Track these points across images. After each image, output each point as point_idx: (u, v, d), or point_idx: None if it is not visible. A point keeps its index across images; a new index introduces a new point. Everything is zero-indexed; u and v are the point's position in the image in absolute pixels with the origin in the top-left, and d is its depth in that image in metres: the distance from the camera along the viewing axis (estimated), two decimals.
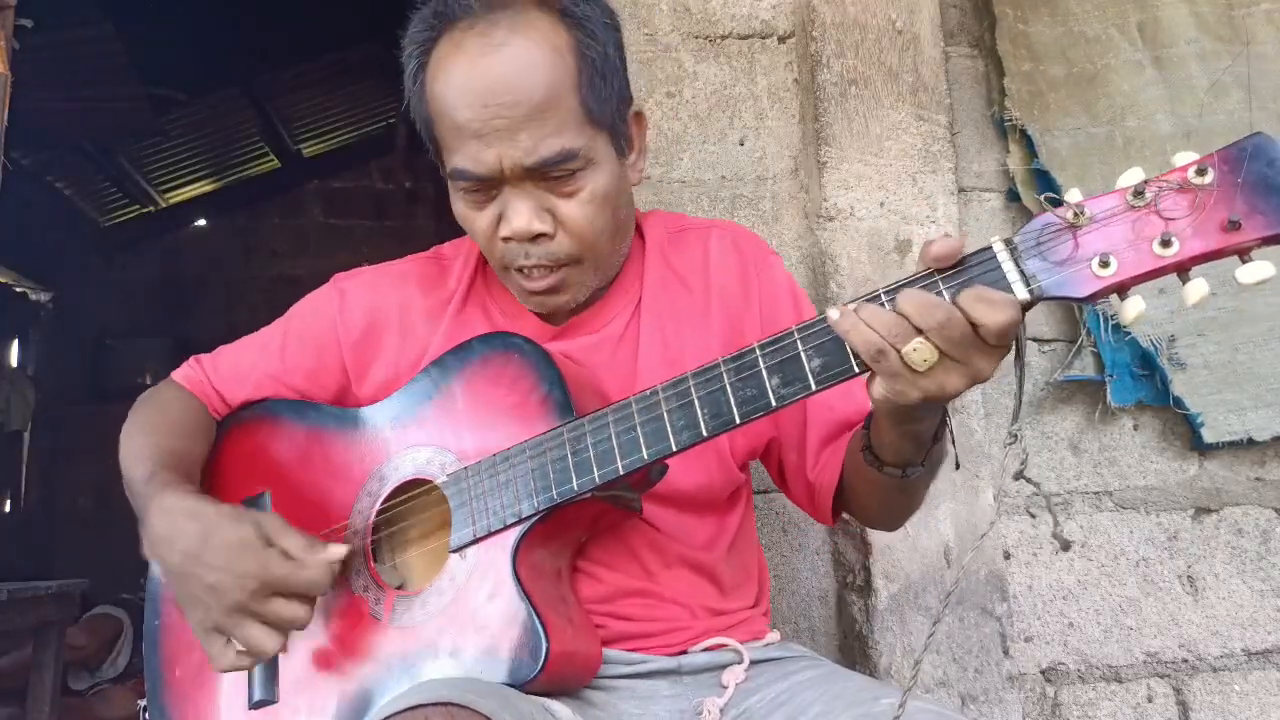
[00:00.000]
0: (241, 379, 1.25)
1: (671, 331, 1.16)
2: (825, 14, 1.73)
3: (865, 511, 1.16)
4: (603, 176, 1.07)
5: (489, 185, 1.05)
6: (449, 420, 1.08)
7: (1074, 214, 0.80)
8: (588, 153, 1.05)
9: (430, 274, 1.25)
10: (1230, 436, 1.77)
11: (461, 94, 1.03)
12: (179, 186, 6.55)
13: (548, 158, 1.02)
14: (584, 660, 1.03)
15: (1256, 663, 1.78)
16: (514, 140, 1.01)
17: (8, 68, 2.01)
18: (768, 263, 1.22)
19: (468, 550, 1.02)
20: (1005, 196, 1.89)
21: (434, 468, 1.07)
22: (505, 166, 1.02)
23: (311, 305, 1.27)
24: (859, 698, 0.97)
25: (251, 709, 1.06)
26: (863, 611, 1.59)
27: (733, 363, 0.92)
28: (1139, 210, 0.78)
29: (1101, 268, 0.78)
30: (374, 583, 1.07)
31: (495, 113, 1.01)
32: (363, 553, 1.08)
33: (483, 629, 0.98)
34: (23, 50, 2.11)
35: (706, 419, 0.93)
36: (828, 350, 0.87)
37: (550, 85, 1.02)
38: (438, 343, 1.17)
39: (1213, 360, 1.77)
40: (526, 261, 1.07)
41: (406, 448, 1.10)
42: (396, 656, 1.01)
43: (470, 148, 1.03)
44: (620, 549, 1.10)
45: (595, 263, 1.11)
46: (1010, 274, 0.81)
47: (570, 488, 0.98)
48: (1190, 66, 1.89)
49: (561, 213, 1.06)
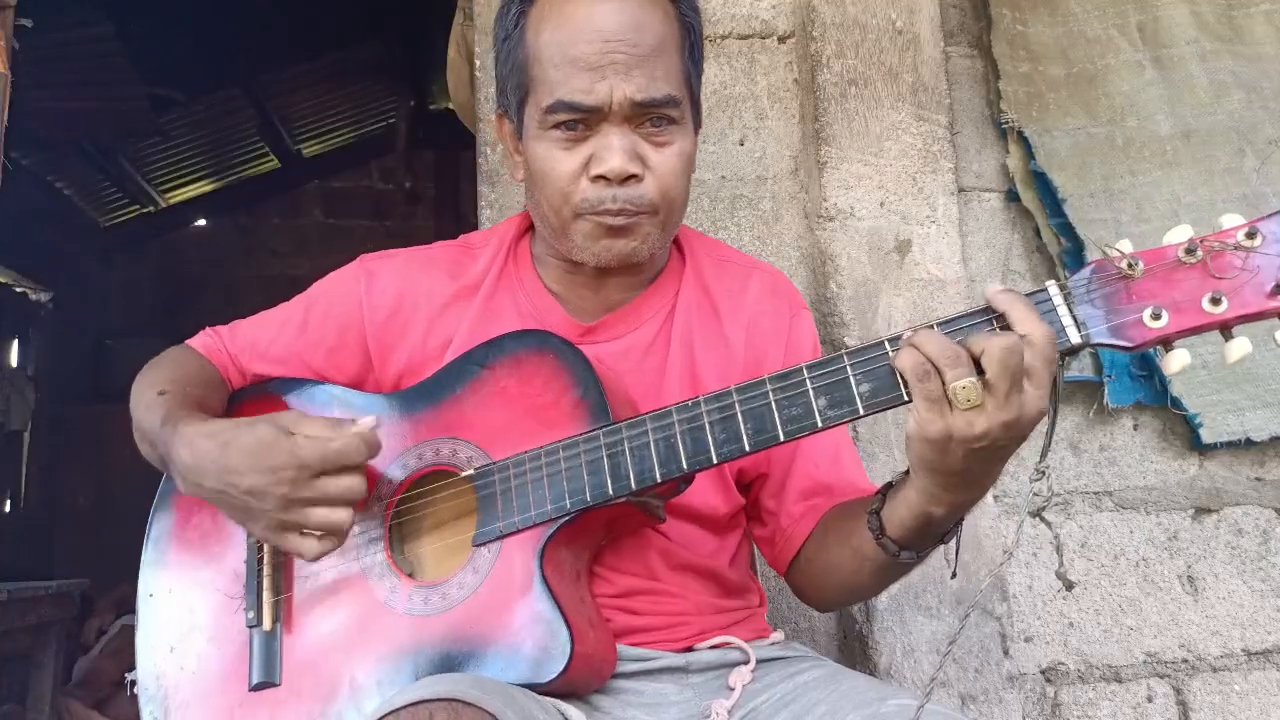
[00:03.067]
0: (260, 351, 1.23)
1: (699, 349, 1.17)
2: (825, 14, 1.73)
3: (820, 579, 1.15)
4: (688, 141, 1.12)
5: (588, 122, 1.07)
6: (477, 414, 1.07)
7: (1128, 264, 0.83)
8: (684, 108, 1.10)
9: (459, 261, 1.24)
10: (1229, 437, 1.77)
11: (581, 28, 1.06)
12: (179, 186, 6.54)
13: (657, 98, 1.06)
14: (601, 662, 1.03)
15: (1256, 663, 1.78)
16: (628, 75, 1.05)
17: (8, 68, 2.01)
18: (800, 316, 1.24)
19: (492, 545, 1.02)
20: (1005, 196, 1.89)
21: (459, 459, 1.07)
22: (615, 99, 1.05)
23: (337, 284, 1.25)
24: (866, 698, 0.97)
25: (252, 690, 1.05)
26: (862, 611, 1.59)
27: (779, 381, 0.93)
28: (1189, 267, 0.82)
29: (1153, 320, 0.82)
30: (390, 571, 1.06)
31: (614, 48, 1.05)
32: (380, 539, 1.07)
33: (505, 625, 0.97)
34: (23, 50, 2.11)
35: (750, 434, 0.93)
36: (877, 376, 0.89)
37: (664, 37, 1.09)
38: (465, 330, 1.17)
39: (1211, 362, 1.77)
40: (613, 205, 1.08)
41: (431, 437, 1.09)
42: (412, 647, 1.01)
43: (582, 79, 1.05)
44: (631, 553, 1.11)
45: (665, 223, 1.12)
46: (1064, 317, 0.84)
47: (605, 491, 0.98)
48: (1190, 66, 1.89)
49: (652, 160, 1.08)
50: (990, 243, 1.87)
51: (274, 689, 1.05)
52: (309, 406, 1.17)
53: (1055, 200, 1.81)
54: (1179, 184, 1.84)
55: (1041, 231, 1.83)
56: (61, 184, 5.83)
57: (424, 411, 1.11)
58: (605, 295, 1.18)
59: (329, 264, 1.33)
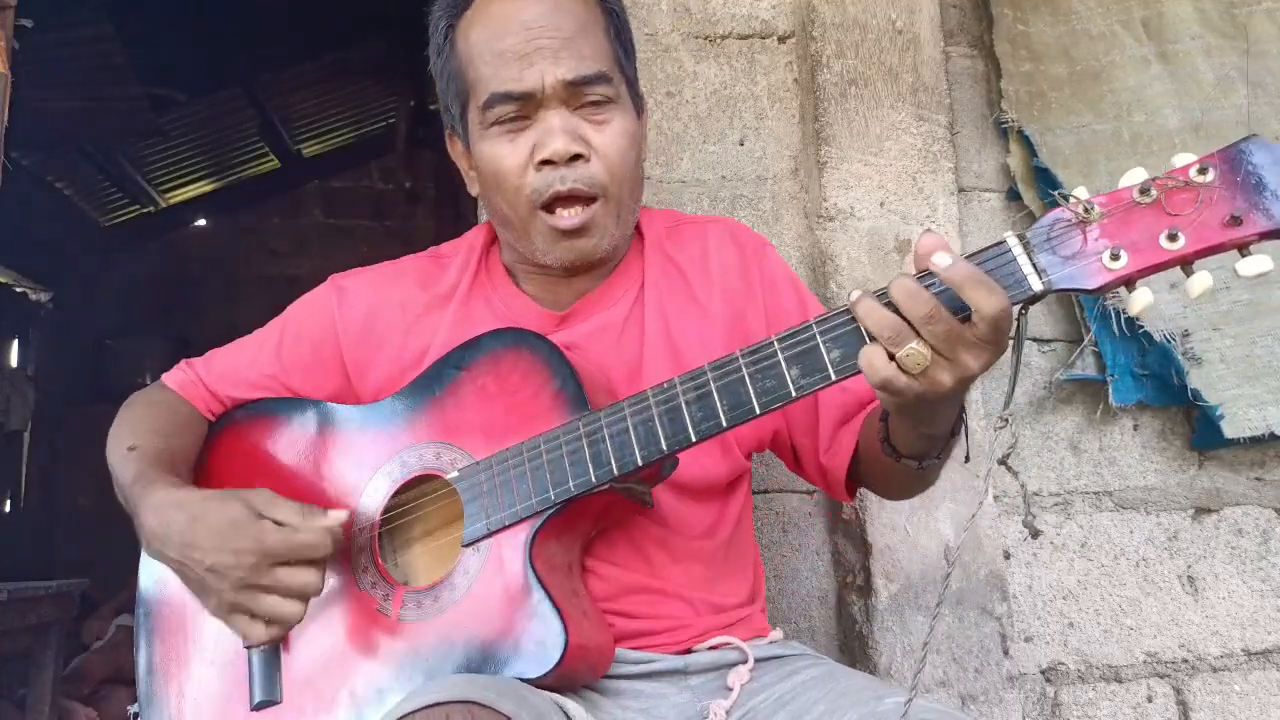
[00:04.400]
0: (237, 378, 1.25)
1: (674, 317, 1.18)
2: (825, 14, 1.73)
3: (880, 489, 1.20)
4: (629, 120, 1.14)
5: (525, 111, 1.10)
6: (458, 416, 1.08)
7: (1084, 209, 0.84)
8: (618, 87, 1.13)
9: (428, 270, 1.26)
10: (1251, 431, 1.73)
11: (506, 23, 1.10)
12: (179, 186, 6.54)
13: (588, 74, 1.09)
14: (597, 653, 1.03)
15: (1256, 663, 1.78)
16: (557, 58, 1.08)
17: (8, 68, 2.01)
18: (765, 253, 1.25)
19: (480, 544, 1.02)
20: (1005, 196, 1.89)
21: (443, 463, 1.07)
22: (547, 83, 1.08)
23: (309, 304, 1.27)
24: (863, 697, 0.97)
25: (254, 710, 1.05)
26: (863, 611, 1.59)
27: (750, 355, 0.94)
28: (1145, 207, 0.83)
29: (1112, 260, 0.82)
30: (382, 579, 1.06)
31: (539, 34, 1.08)
32: (370, 549, 1.08)
33: (499, 622, 0.98)
34: (23, 50, 2.11)
35: (726, 410, 0.94)
36: (846, 341, 0.89)
37: (586, 21, 1.12)
38: (442, 337, 1.18)
39: (1229, 354, 1.76)
40: (563, 187, 1.09)
41: (414, 444, 1.09)
42: (409, 652, 1.01)
43: (512, 69, 1.09)
44: (623, 543, 1.11)
45: (618, 207, 1.14)
46: (1024, 266, 0.85)
47: (588, 479, 0.98)
48: (1196, 61, 1.89)
49: (595, 140, 1.11)
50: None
51: (275, 706, 1.05)
52: (299, 418, 1.18)
53: (1065, 196, 1.81)
54: None
55: None
56: (61, 184, 5.83)
57: (405, 418, 1.11)
58: (577, 285, 1.20)
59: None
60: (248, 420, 1.23)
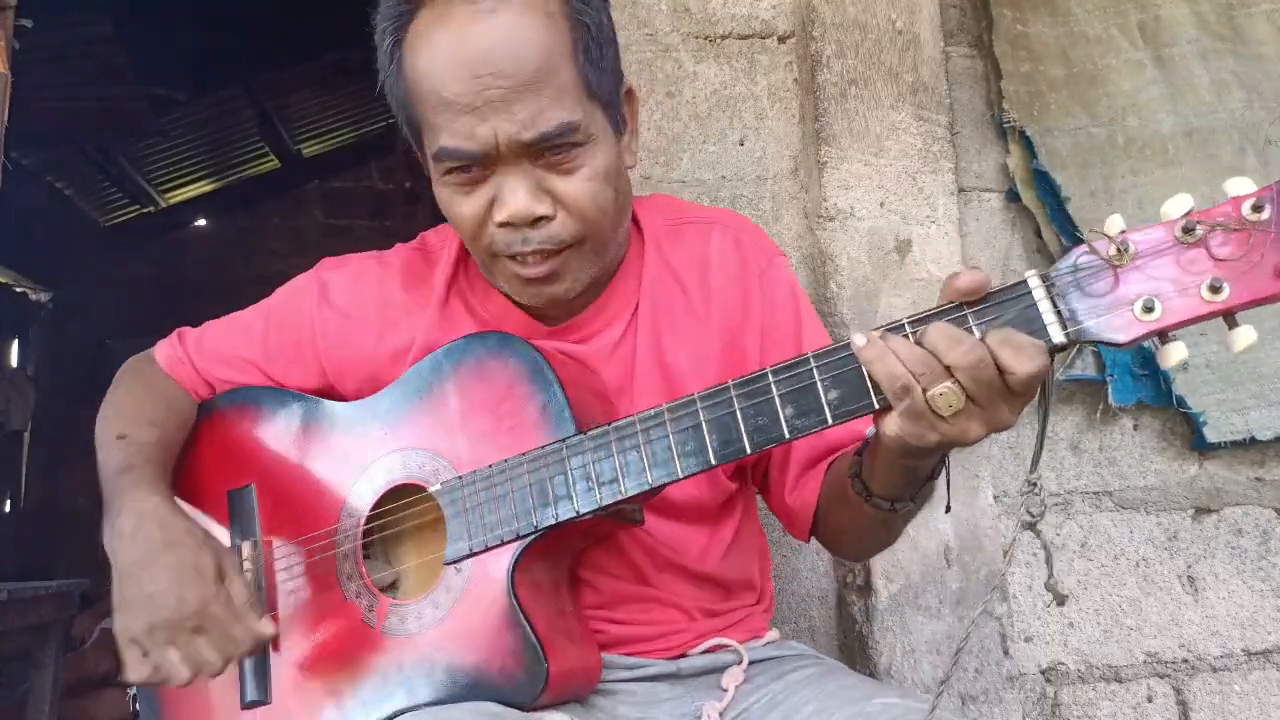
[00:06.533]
0: (225, 361, 1.22)
1: (668, 339, 1.11)
2: (825, 14, 1.73)
3: (837, 539, 1.12)
4: (602, 153, 1.00)
5: (480, 165, 0.97)
6: (442, 423, 1.04)
7: (1117, 249, 0.73)
8: (588, 126, 0.98)
9: (414, 266, 1.19)
10: (1233, 436, 1.76)
11: (449, 66, 0.94)
12: (179, 186, 6.54)
13: (547, 131, 0.95)
14: (584, 674, 1.01)
15: (1256, 663, 1.78)
16: (510, 113, 0.93)
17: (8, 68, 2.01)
18: (771, 266, 1.15)
19: (463, 563, 0.99)
20: (1005, 196, 1.89)
21: (427, 472, 1.04)
22: (500, 142, 0.94)
23: (293, 296, 1.23)
24: (852, 696, 0.96)
25: (244, 709, 1.06)
26: (863, 611, 1.59)
27: (744, 387, 0.87)
28: (1186, 248, 0.72)
29: (1145, 313, 0.72)
30: (366, 588, 1.05)
31: (488, 83, 0.93)
32: (354, 556, 1.06)
33: (480, 647, 0.96)
34: (23, 50, 2.11)
35: (715, 446, 0.88)
36: (846, 381, 0.81)
37: (546, 53, 0.94)
38: (421, 339, 1.13)
39: (1215, 359, 1.77)
40: (524, 248, 1.00)
41: (398, 449, 1.06)
42: (392, 667, 1.00)
43: (461, 124, 0.95)
44: (616, 555, 1.08)
45: (596, 246, 1.04)
46: (1046, 314, 0.75)
47: (572, 508, 0.94)
48: (1192, 65, 1.89)
49: (561, 192, 0.98)
50: (990, 243, 1.87)
51: (265, 707, 1.06)
52: (287, 411, 1.16)
53: (1056, 199, 1.81)
54: (1181, 183, 1.84)
55: (1042, 231, 1.83)
56: (61, 184, 5.83)
57: (391, 420, 1.07)
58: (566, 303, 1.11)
59: None
60: (235, 408, 1.20)
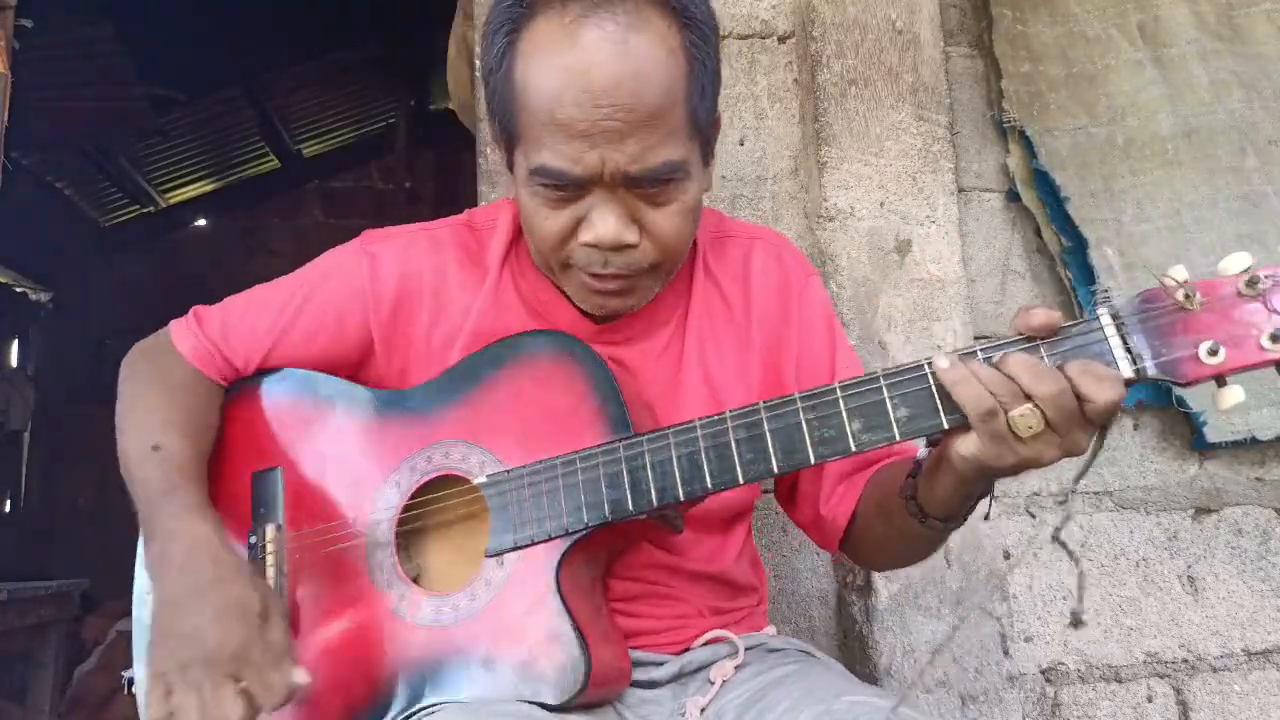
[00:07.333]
0: (254, 344, 1.16)
1: (713, 351, 1.12)
2: (825, 14, 1.73)
3: (873, 552, 1.14)
4: (694, 188, 1.01)
5: (576, 186, 0.97)
6: (490, 417, 1.03)
7: (1185, 295, 0.80)
8: (687, 164, 0.99)
9: (465, 244, 1.17)
10: (1233, 436, 1.76)
11: (567, 90, 0.93)
12: (179, 186, 6.55)
13: (654, 168, 0.96)
14: (617, 675, 1.01)
15: (1256, 663, 1.78)
16: (621, 145, 0.94)
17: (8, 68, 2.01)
18: (809, 285, 1.18)
19: (505, 557, 0.98)
20: (1005, 196, 1.89)
21: (471, 465, 1.02)
22: (606, 170, 0.95)
23: (337, 269, 1.17)
24: (824, 694, 0.95)
25: None
26: (863, 611, 1.59)
27: (810, 400, 0.89)
28: (1250, 299, 0.79)
29: (1210, 356, 0.79)
30: (398, 579, 1.03)
31: (607, 114, 0.92)
32: (388, 546, 1.04)
33: (520, 642, 0.95)
34: (23, 50, 2.11)
35: (779, 455, 0.89)
36: (916, 401, 0.85)
37: (665, 91, 0.95)
38: (472, 324, 1.11)
39: None
40: (604, 270, 1.01)
41: (441, 440, 1.04)
42: (423, 658, 0.98)
43: (570, 147, 0.94)
44: (632, 554, 1.09)
45: (669, 269, 1.06)
46: (1116, 349, 0.82)
47: (626, 507, 0.94)
48: (1191, 66, 1.89)
49: (649, 222, 0.99)
50: (990, 243, 1.87)
51: None
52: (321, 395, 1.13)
53: (1056, 200, 1.81)
54: (1180, 183, 1.84)
55: (1042, 231, 1.83)
56: (61, 184, 5.84)
57: (434, 412, 1.06)
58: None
59: None
60: (263, 389, 1.16)
